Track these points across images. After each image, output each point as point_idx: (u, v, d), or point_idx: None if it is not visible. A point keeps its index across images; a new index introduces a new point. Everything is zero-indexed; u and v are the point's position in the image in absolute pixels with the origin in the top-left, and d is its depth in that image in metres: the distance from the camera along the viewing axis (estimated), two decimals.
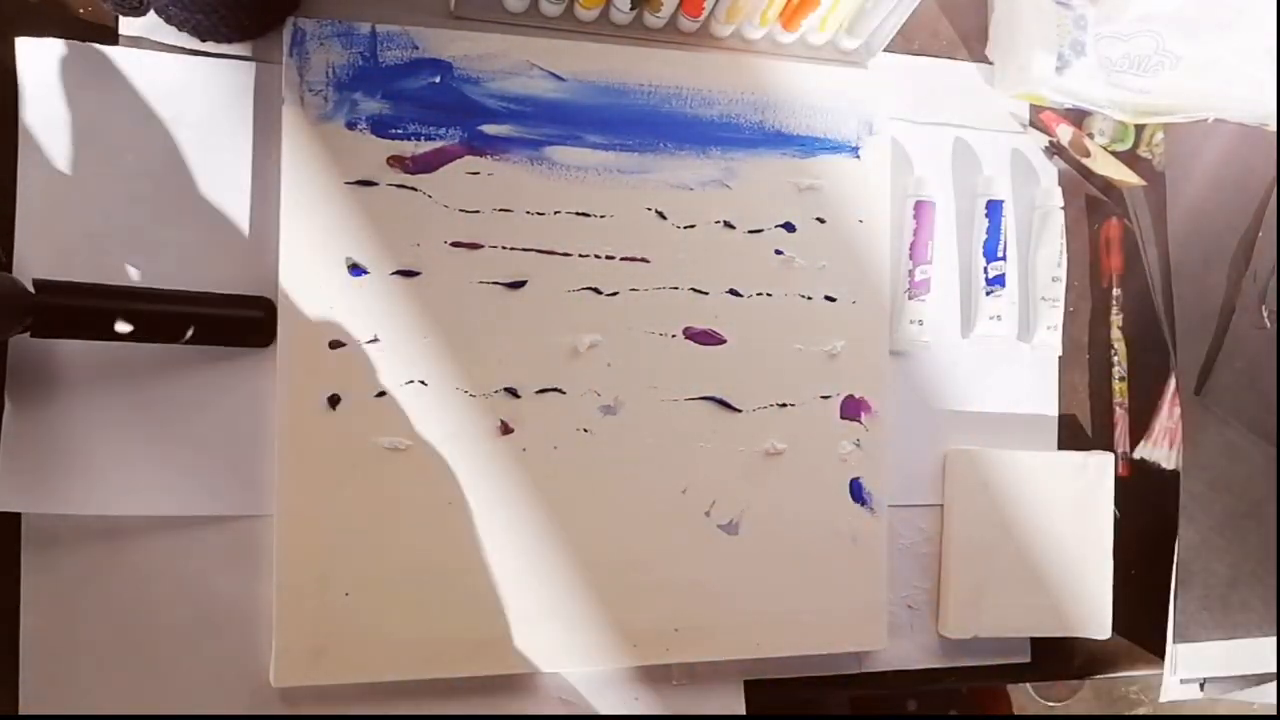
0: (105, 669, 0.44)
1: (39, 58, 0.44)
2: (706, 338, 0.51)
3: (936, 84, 0.58)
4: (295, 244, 0.46)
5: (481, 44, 0.48)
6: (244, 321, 0.45)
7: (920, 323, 0.54)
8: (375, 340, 0.47)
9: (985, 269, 0.56)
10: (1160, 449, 0.59)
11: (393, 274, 0.47)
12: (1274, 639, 0.60)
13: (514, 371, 0.48)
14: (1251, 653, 0.60)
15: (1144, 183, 0.59)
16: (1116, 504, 0.58)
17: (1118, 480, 0.58)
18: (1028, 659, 0.57)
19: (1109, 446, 0.60)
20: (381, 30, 0.47)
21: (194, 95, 0.46)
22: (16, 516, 0.43)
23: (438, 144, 0.48)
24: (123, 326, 0.41)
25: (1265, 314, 0.61)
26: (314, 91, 0.46)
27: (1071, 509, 0.56)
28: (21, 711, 0.43)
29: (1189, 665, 0.58)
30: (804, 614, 0.52)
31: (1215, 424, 0.60)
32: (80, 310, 0.41)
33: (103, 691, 0.44)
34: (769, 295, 0.52)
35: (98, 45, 0.45)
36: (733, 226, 0.52)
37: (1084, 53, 0.56)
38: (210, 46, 0.46)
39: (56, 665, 0.44)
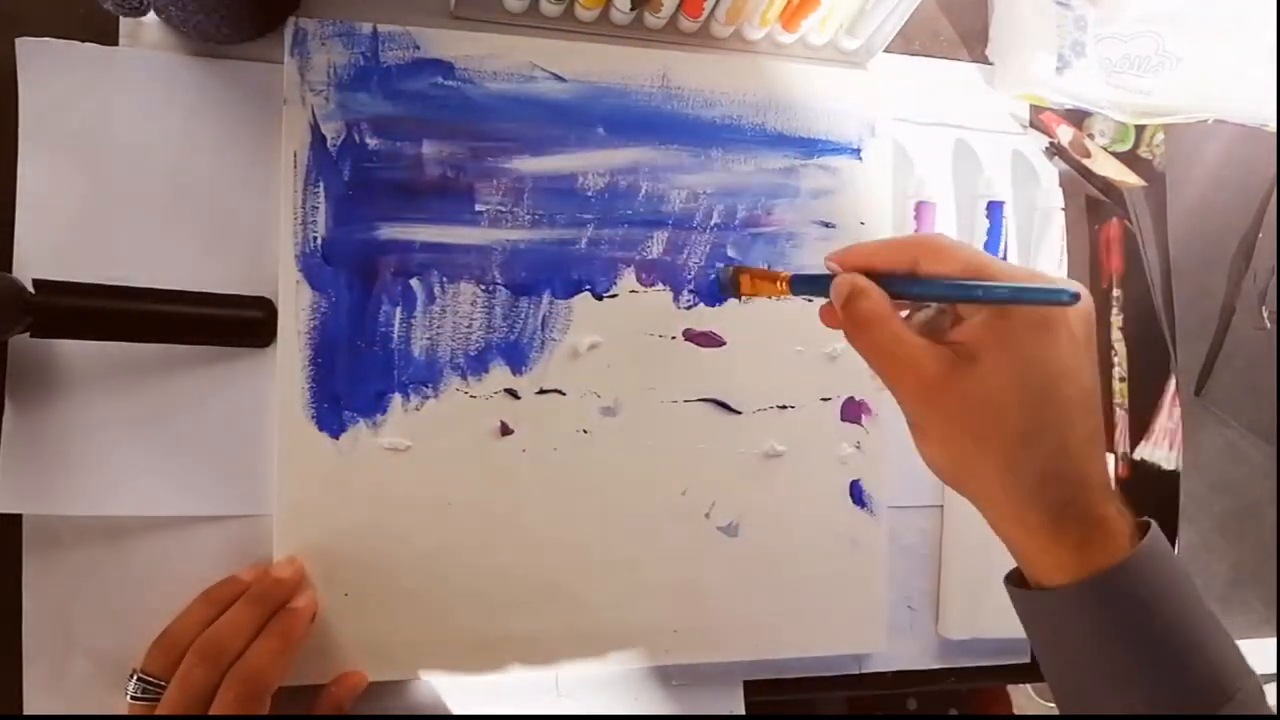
0: (106, 669, 0.44)
1: (39, 58, 0.44)
2: (706, 340, 0.51)
3: (937, 85, 0.58)
4: (295, 244, 0.46)
5: (483, 44, 0.48)
6: (244, 321, 0.45)
7: None
8: (376, 341, 0.47)
9: None
10: (1160, 450, 0.59)
11: (393, 275, 0.47)
12: (1274, 639, 0.60)
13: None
14: (1251, 653, 0.60)
15: (1144, 183, 0.59)
16: None
17: (1118, 481, 0.58)
18: (1028, 659, 0.57)
19: (1109, 447, 0.60)
20: (383, 30, 0.47)
21: (194, 95, 0.46)
22: (17, 517, 0.43)
23: (439, 145, 0.48)
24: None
25: (1265, 314, 0.61)
26: (315, 91, 0.46)
27: None
28: (26, 712, 0.43)
29: None
30: (803, 616, 0.52)
31: (1215, 424, 0.60)
32: (80, 310, 0.41)
33: (103, 691, 0.44)
34: (769, 297, 0.52)
35: (98, 45, 0.45)
36: (734, 228, 0.52)
37: (1084, 53, 0.56)
38: (210, 46, 0.46)
39: (57, 665, 0.44)
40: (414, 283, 0.47)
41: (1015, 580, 0.36)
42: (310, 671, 0.45)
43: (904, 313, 0.37)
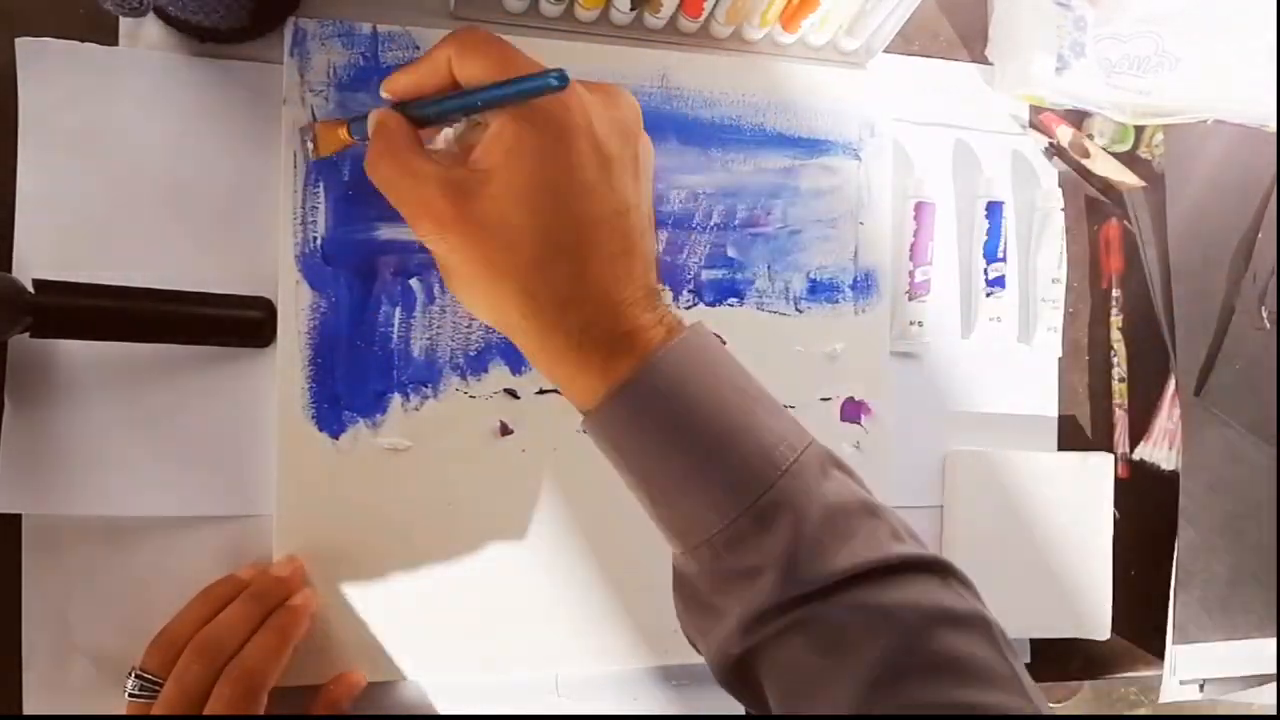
0: (105, 668, 0.44)
1: (39, 58, 0.44)
2: None
3: (936, 85, 0.58)
4: (295, 244, 0.46)
5: None
6: (244, 321, 0.45)
7: (920, 324, 0.54)
8: (376, 341, 0.47)
9: (985, 270, 0.56)
10: (1160, 450, 0.59)
11: (393, 275, 0.47)
12: (1274, 639, 0.60)
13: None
14: (1251, 653, 0.60)
15: (1143, 184, 0.59)
16: (1116, 505, 0.58)
17: (1117, 481, 0.58)
18: (1027, 659, 0.57)
19: (1109, 447, 0.60)
20: (382, 30, 0.47)
21: (194, 95, 0.46)
22: (16, 517, 0.43)
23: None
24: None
25: (1265, 314, 0.61)
26: (315, 91, 0.46)
27: (1071, 510, 0.56)
28: (25, 712, 0.43)
29: (1189, 666, 0.58)
30: None
31: (1215, 425, 0.60)
32: (80, 310, 0.41)
33: (103, 691, 0.44)
34: (769, 297, 0.52)
35: (98, 45, 0.45)
36: (734, 228, 0.52)
37: (1083, 54, 0.56)
38: (210, 46, 0.46)
39: (57, 665, 0.44)
40: (414, 283, 0.47)
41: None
42: (308, 671, 0.45)
43: (434, 139, 0.35)
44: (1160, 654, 0.58)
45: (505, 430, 0.48)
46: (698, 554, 0.32)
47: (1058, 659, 0.58)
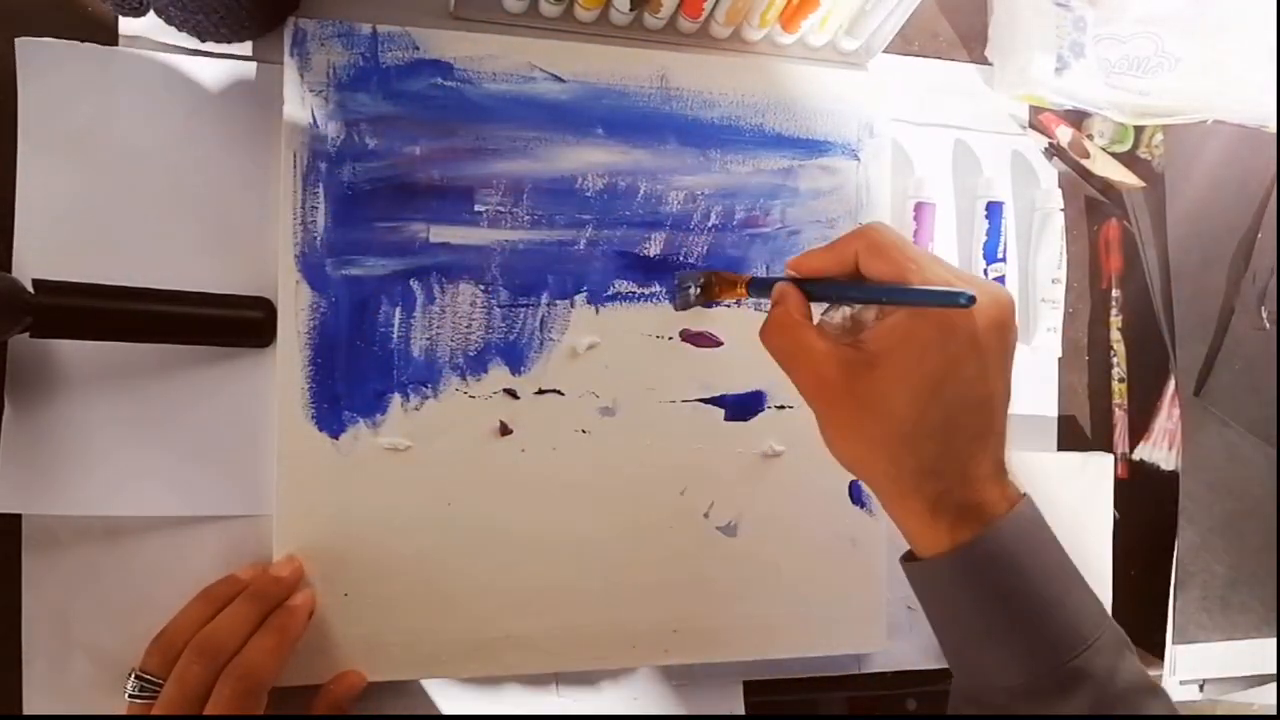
0: (105, 668, 0.44)
1: (39, 58, 0.44)
2: (703, 340, 0.51)
3: (936, 85, 0.58)
4: (295, 244, 0.46)
5: (482, 45, 0.48)
6: (244, 321, 0.45)
7: None
8: (375, 341, 0.47)
9: (985, 271, 0.56)
10: (1159, 450, 0.59)
11: (393, 275, 0.47)
12: (1274, 639, 0.60)
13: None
14: (1251, 653, 0.60)
15: (1143, 184, 0.59)
16: (1116, 505, 0.58)
17: (1117, 481, 0.58)
18: None
19: (1108, 447, 0.60)
20: (382, 31, 0.47)
21: (194, 95, 0.46)
22: (16, 516, 0.43)
23: (438, 145, 0.48)
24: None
25: (1265, 315, 0.61)
26: (315, 92, 0.46)
27: (1071, 510, 0.56)
28: (25, 711, 0.43)
29: (1188, 666, 0.58)
30: (803, 616, 0.52)
31: (1215, 425, 0.60)
32: (80, 310, 0.41)
33: (103, 691, 0.44)
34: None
35: (98, 45, 0.45)
36: (733, 229, 0.52)
37: (1083, 54, 0.56)
38: (210, 46, 0.46)
39: (57, 665, 0.44)
40: (413, 283, 0.47)
41: (908, 558, 0.39)
42: (309, 671, 0.45)
43: (830, 311, 0.39)
44: (1160, 654, 0.58)
45: (505, 430, 0.48)
46: (989, 695, 0.36)
47: None
